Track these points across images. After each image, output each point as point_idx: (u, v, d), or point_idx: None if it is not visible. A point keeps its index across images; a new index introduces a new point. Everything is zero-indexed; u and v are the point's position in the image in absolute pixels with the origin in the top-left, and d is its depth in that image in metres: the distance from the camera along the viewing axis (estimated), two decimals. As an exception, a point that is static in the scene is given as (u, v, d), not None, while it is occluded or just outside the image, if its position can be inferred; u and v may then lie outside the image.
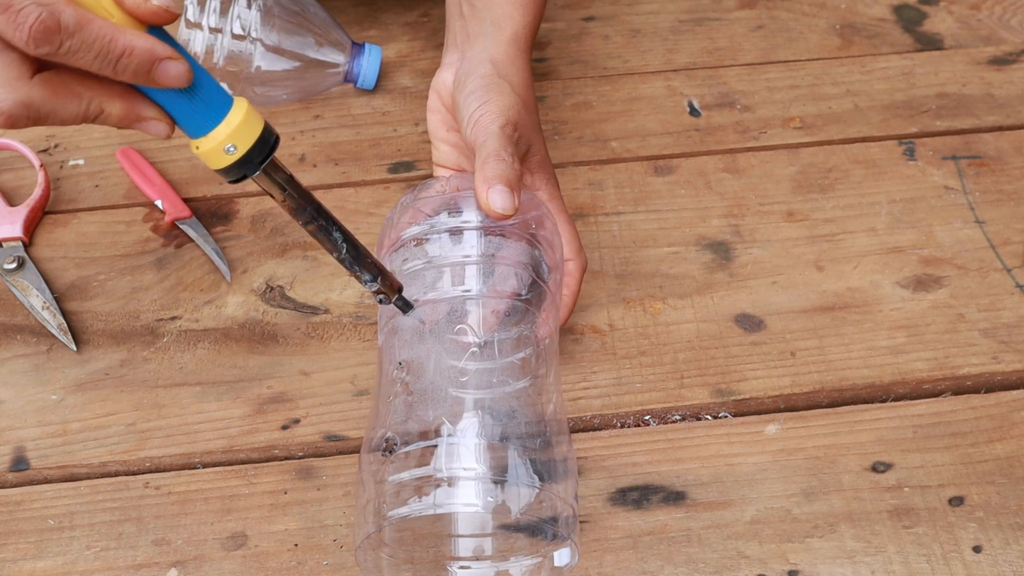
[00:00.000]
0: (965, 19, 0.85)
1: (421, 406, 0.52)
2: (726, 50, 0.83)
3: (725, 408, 0.61)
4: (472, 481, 0.49)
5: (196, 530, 0.57)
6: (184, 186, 0.74)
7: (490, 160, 0.55)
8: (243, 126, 0.45)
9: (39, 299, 0.67)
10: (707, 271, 0.68)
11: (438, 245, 0.55)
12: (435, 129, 0.64)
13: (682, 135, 0.76)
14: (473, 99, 0.58)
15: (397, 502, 0.49)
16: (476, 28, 0.63)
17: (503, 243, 0.55)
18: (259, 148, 0.46)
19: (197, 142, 0.46)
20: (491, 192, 0.54)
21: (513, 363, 0.54)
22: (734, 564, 0.55)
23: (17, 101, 0.43)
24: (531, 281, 0.55)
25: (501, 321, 0.54)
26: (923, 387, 0.62)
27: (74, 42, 0.41)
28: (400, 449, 0.50)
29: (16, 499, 0.58)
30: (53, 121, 0.44)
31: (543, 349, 0.55)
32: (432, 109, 0.64)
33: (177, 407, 0.62)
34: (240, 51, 0.73)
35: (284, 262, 0.69)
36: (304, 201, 0.49)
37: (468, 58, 0.62)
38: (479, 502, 0.49)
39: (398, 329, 0.55)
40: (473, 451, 0.49)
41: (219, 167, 0.46)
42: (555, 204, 0.60)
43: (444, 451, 0.49)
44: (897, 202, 0.71)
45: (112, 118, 0.45)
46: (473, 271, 0.54)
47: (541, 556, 0.53)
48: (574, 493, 0.51)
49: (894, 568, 0.54)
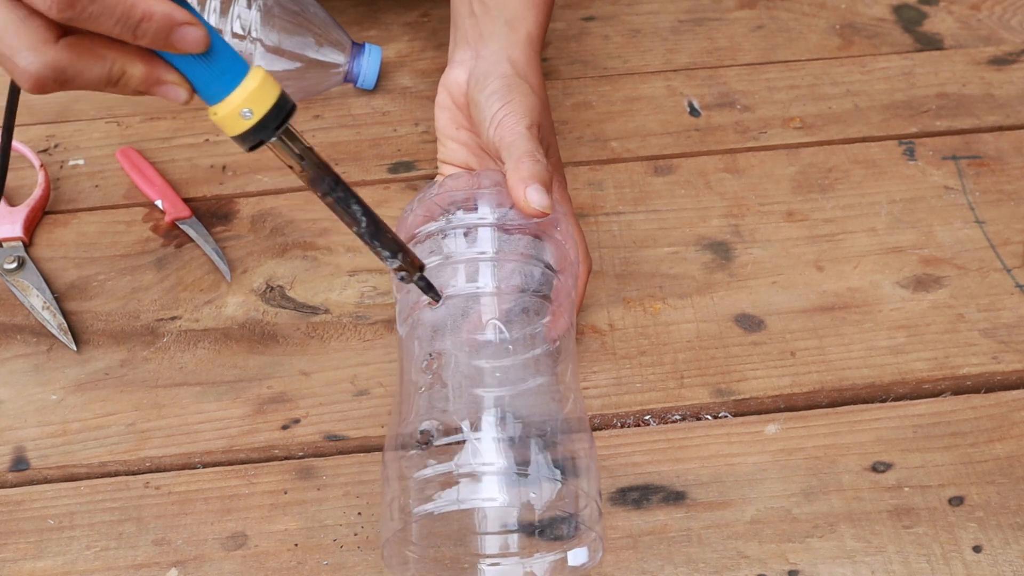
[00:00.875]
0: (965, 19, 0.85)
1: (448, 401, 0.52)
2: (726, 50, 0.83)
3: (725, 408, 0.61)
4: (496, 476, 0.49)
5: (196, 530, 0.57)
6: (184, 186, 0.74)
7: (525, 160, 0.55)
8: (259, 91, 0.46)
9: (39, 299, 0.67)
10: (707, 271, 0.68)
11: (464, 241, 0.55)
12: (444, 126, 0.64)
13: (682, 135, 0.76)
14: (495, 99, 0.59)
15: (422, 498, 0.49)
16: (489, 27, 0.63)
17: (527, 241, 0.55)
18: (275, 114, 0.46)
19: (214, 108, 0.46)
20: (529, 191, 0.54)
21: (537, 359, 0.54)
22: (734, 564, 0.55)
23: (45, 64, 0.44)
24: (554, 279, 0.55)
25: (526, 318, 0.54)
26: (923, 387, 0.62)
27: (95, 7, 0.42)
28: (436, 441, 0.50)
29: (16, 499, 0.58)
30: (78, 84, 0.45)
31: (565, 345, 0.55)
32: (441, 106, 0.64)
33: (177, 407, 0.62)
34: (240, 51, 0.73)
35: (284, 262, 0.69)
36: (322, 171, 0.49)
37: (484, 57, 0.61)
38: (503, 497, 0.49)
39: (422, 322, 0.54)
40: (498, 447, 0.50)
41: (236, 133, 0.47)
42: (566, 206, 0.61)
43: (470, 447, 0.49)
44: (897, 202, 0.71)
45: (134, 80, 0.46)
46: (500, 268, 0.54)
47: (564, 552, 0.53)
48: (597, 488, 0.52)
49: (894, 568, 0.54)
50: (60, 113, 0.80)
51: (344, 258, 0.69)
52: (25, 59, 0.43)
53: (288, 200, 0.73)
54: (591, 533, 0.51)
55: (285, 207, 0.73)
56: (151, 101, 0.80)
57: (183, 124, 0.78)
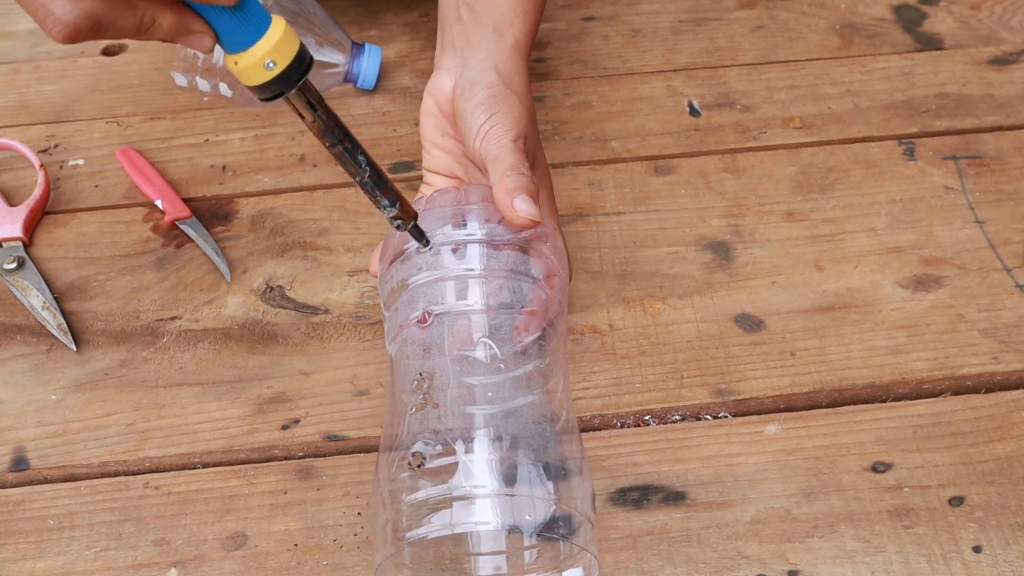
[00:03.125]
0: (965, 19, 0.85)
1: (438, 422, 0.51)
2: (726, 50, 0.83)
3: (725, 408, 0.61)
4: (489, 499, 0.48)
5: (196, 530, 0.57)
6: (184, 186, 0.74)
7: (510, 174, 0.56)
8: (283, 43, 0.47)
9: (39, 299, 0.67)
10: (707, 271, 0.68)
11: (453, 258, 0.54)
12: (429, 134, 0.63)
13: (682, 135, 0.76)
14: (482, 110, 0.58)
15: (415, 522, 0.48)
16: (477, 33, 0.62)
17: (517, 257, 0.55)
18: (296, 66, 0.47)
19: (236, 57, 0.47)
20: (516, 201, 0.54)
21: (528, 376, 0.53)
22: (734, 564, 0.55)
23: (82, 12, 0.45)
24: (543, 294, 0.55)
25: (517, 334, 0.54)
26: (923, 387, 0.62)
27: None
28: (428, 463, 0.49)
29: (16, 499, 0.58)
30: (112, 33, 0.46)
31: (556, 360, 0.55)
32: (427, 113, 0.63)
33: (177, 407, 0.62)
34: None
35: (284, 262, 0.69)
36: (332, 123, 0.51)
37: (470, 65, 0.61)
38: (497, 520, 0.48)
39: (411, 341, 0.54)
40: (491, 468, 0.49)
41: (257, 83, 0.47)
42: (554, 219, 0.61)
43: (463, 468, 0.49)
44: (897, 202, 0.71)
45: (163, 29, 0.47)
46: (489, 285, 0.54)
47: (558, 572, 0.53)
48: (591, 507, 0.51)
49: (894, 568, 0.54)
50: (60, 113, 0.80)
51: (344, 258, 0.69)
52: (62, 8, 0.44)
53: (288, 200, 0.73)
54: (586, 553, 0.51)
55: (285, 207, 0.73)
56: (151, 101, 0.80)
57: (183, 124, 0.78)
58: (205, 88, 0.75)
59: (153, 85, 0.82)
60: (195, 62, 0.73)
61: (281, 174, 0.75)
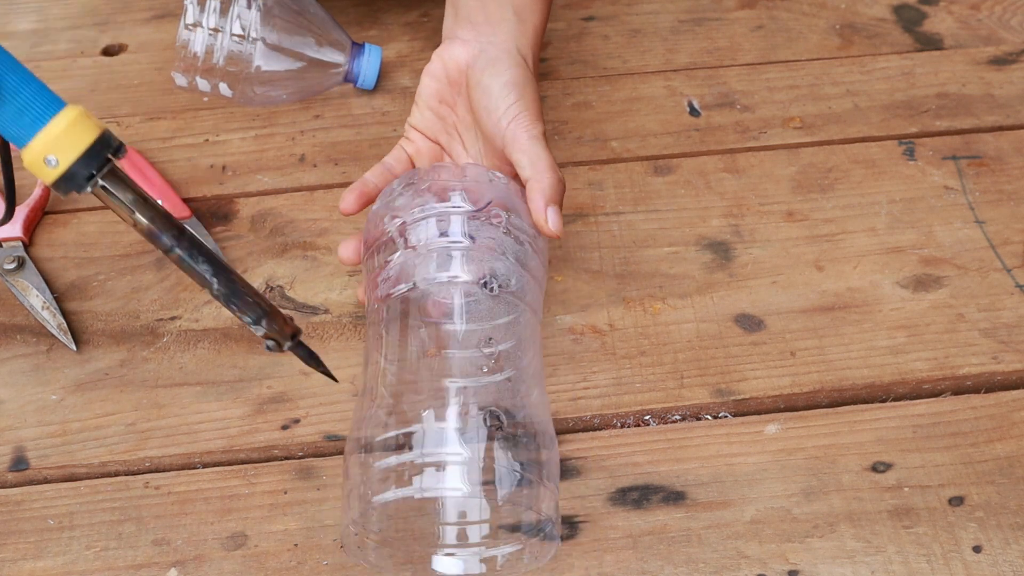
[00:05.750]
0: (965, 19, 0.85)
1: (406, 395, 0.52)
2: (726, 50, 0.83)
3: (725, 408, 0.61)
4: (454, 465, 0.49)
5: (196, 530, 0.57)
6: (184, 186, 0.74)
7: (548, 173, 0.57)
8: (65, 136, 0.41)
9: (39, 299, 0.67)
10: (707, 271, 0.68)
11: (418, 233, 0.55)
12: (427, 95, 0.64)
13: (682, 135, 0.76)
14: (510, 89, 0.59)
15: (382, 487, 0.49)
16: (497, 13, 0.62)
17: (483, 228, 0.55)
18: (86, 162, 0.41)
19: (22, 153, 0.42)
20: (550, 211, 0.56)
21: (503, 352, 0.54)
22: (734, 564, 0.55)
23: None
24: (513, 268, 0.55)
25: (485, 308, 0.54)
26: (923, 387, 0.62)
27: None
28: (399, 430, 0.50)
29: (16, 499, 0.58)
30: None
31: (526, 337, 0.56)
32: (431, 75, 0.63)
33: (177, 407, 0.62)
34: (240, 51, 0.73)
35: (284, 262, 0.69)
36: (161, 224, 0.43)
37: (494, 43, 0.61)
38: (464, 487, 0.49)
39: (381, 319, 0.55)
40: (455, 436, 0.50)
41: (47, 182, 0.42)
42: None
43: (426, 437, 0.50)
44: (897, 202, 0.71)
45: None
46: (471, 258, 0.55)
47: (522, 544, 0.53)
48: (556, 483, 0.52)
49: (894, 568, 0.54)
50: (60, 113, 0.80)
51: (344, 258, 0.69)
52: None
53: (288, 200, 0.73)
54: (548, 525, 0.52)
55: (285, 207, 0.73)
56: (151, 101, 0.80)
57: (183, 124, 0.78)
58: (205, 88, 0.75)
59: (153, 85, 0.82)
60: (195, 62, 0.73)
61: (281, 174, 0.75)
